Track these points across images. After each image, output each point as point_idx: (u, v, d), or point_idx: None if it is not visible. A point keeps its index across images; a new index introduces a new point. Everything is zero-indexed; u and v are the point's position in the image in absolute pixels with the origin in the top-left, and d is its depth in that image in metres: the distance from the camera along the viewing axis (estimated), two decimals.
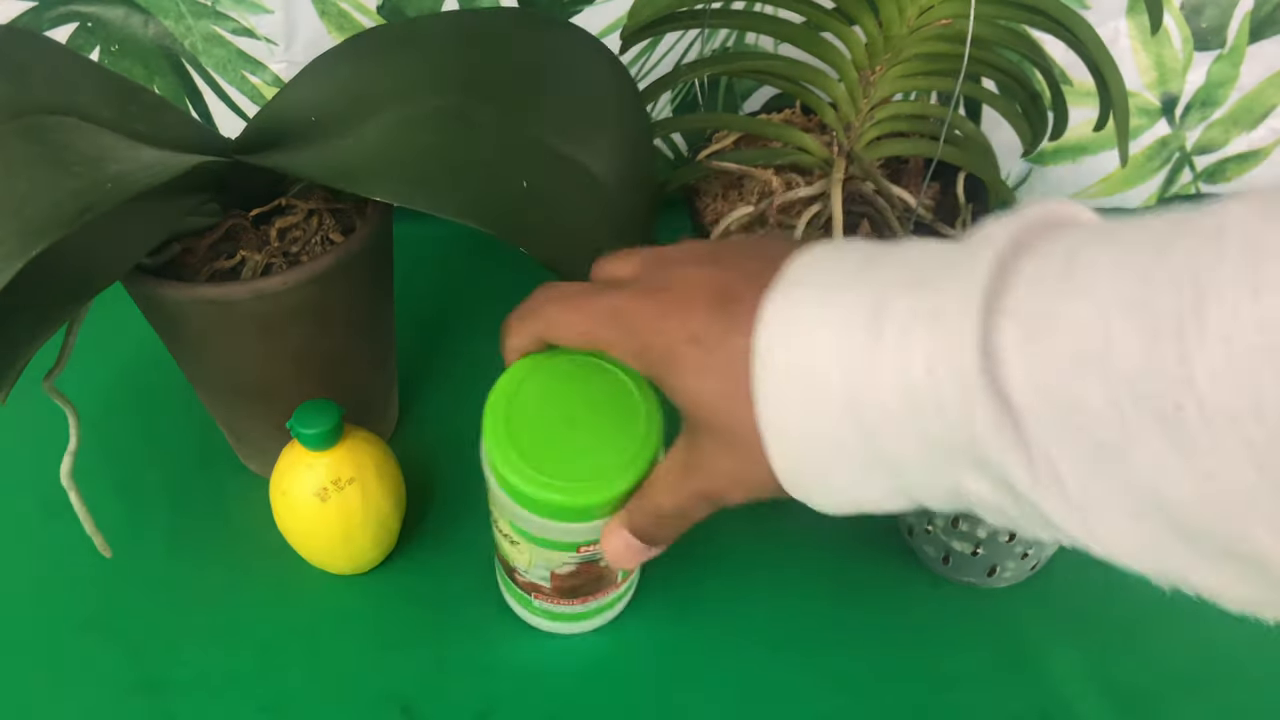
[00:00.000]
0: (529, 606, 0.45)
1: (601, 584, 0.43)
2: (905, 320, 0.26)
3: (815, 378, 0.28)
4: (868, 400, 0.27)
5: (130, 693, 0.45)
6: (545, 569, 0.41)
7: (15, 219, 0.33)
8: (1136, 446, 0.23)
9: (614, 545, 0.37)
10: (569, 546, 0.39)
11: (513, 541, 0.40)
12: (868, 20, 0.48)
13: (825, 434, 0.28)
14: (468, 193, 0.40)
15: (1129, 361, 0.22)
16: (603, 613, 0.46)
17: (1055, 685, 0.45)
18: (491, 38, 0.47)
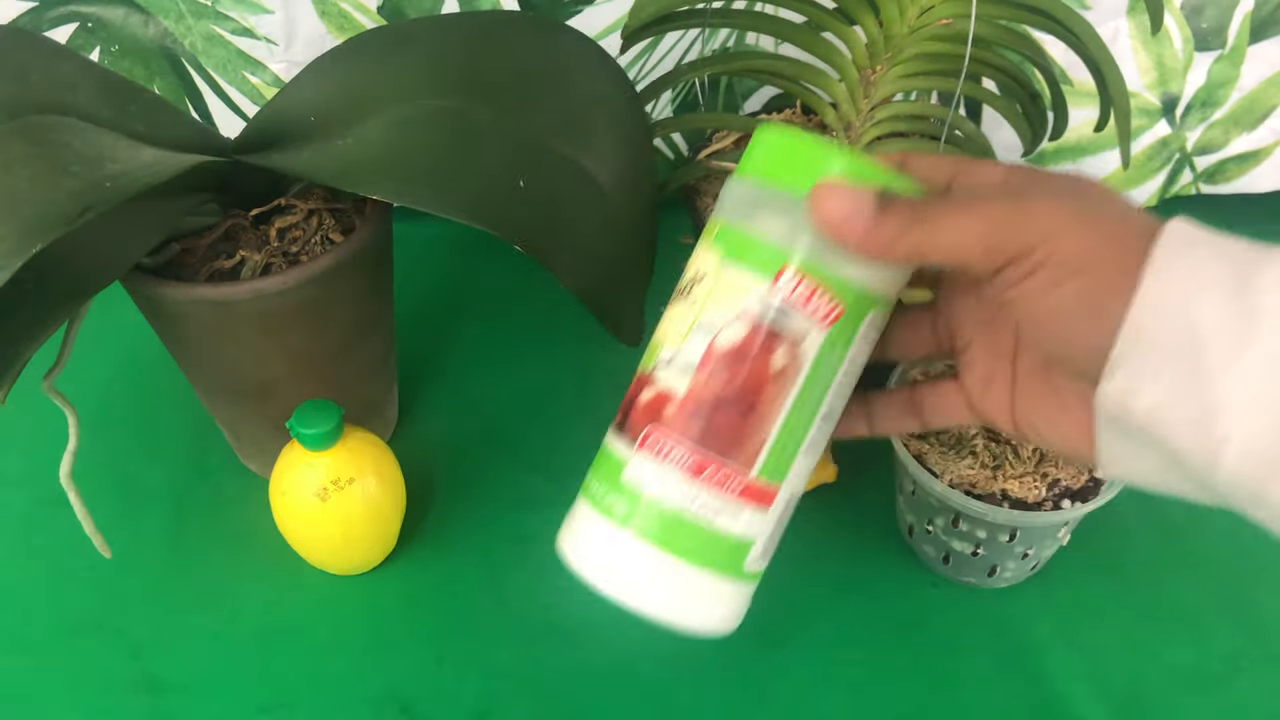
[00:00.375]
0: (611, 489, 0.32)
1: (744, 429, 0.31)
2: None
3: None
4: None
5: (130, 692, 0.45)
6: (706, 335, 0.30)
7: (14, 218, 0.33)
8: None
9: (839, 196, 0.29)
10: (772, 259, 0.30)
11: (692, 286, 0.31)
12: (868, 20, 0.48)
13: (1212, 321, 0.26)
14: (467, 192, 0.40)
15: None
16: (705, 557, 0.31)
17: (1055, 685, 0.45)
18: (490, 39, 0.47)
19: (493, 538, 0.51)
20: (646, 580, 0.31)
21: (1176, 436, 0.27)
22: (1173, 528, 0.51)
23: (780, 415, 0.31)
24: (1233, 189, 0.69)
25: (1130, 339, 0.26)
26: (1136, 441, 0.28)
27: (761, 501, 0.32)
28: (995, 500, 0.44)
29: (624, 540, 0.31)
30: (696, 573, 0.31)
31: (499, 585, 0.49)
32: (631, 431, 0.31)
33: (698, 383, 0.30)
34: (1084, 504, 0.43)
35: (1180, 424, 0.26)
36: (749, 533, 0.32)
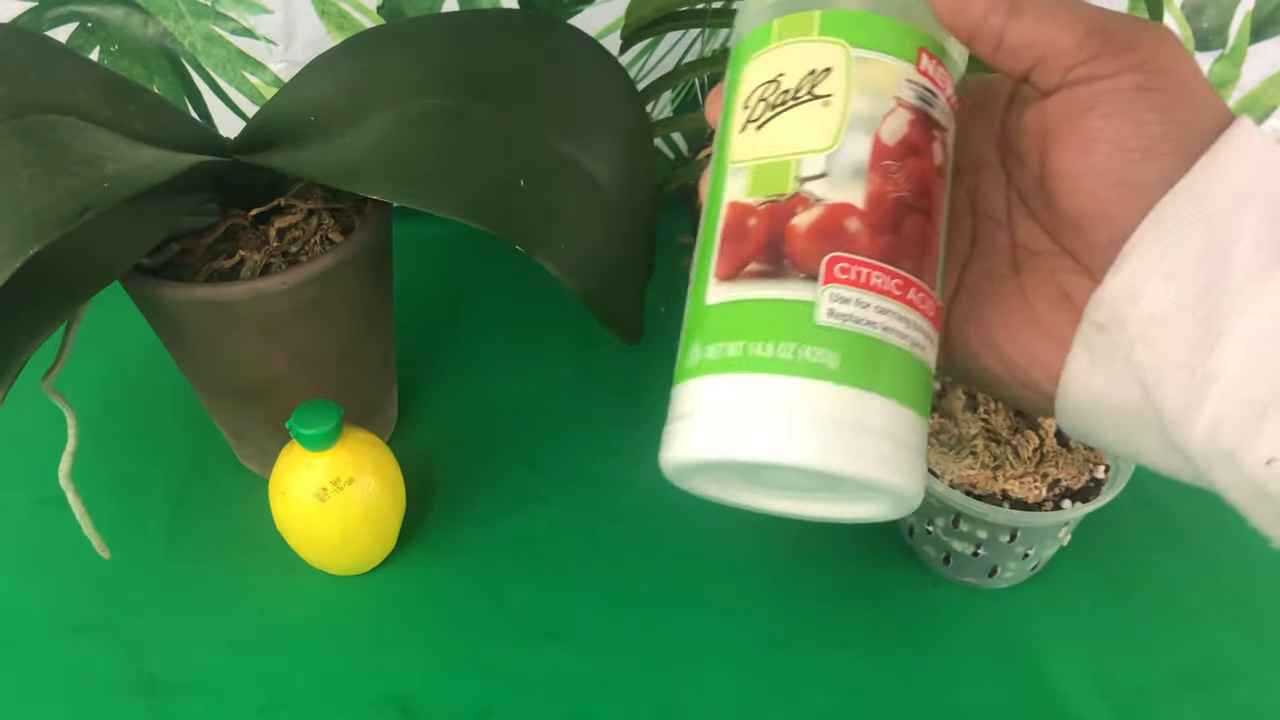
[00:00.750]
0: (806, 335, 0.25)
1: (929, 235, 0.26)
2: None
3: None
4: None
5: (129, 693, 0.45)
6: (867, 131, 0.26)
7: (14, 218, 0.33)
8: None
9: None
10: (908, 40, 0.27)
11: (816, 84, 0.27)
12: None
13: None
14: (466, 192, 0.40)
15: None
16: (924, 400, 0.26)
17: (1055, 685, 0.45)
18: (490, 38, 0.47)
19: (492, 538, 0.51)
20: (888, 445, 0.25)
21: (1162, 364, 0.24)
22: (1173, 528, 0.51)
23: (944, 217, 0.27)
24: None
25: (1162, 220, 0.23)
26: (1114, 369, 0.25)
27: (938, 325, 0.27)
28: (996, 500, 0.44)
29: (853, 400, 0.24)
30: (917, 421, 0.26)
31: (499, 585, 0.49)
32: (804, 265, 0.25)
33: (876, 187, 0.25)
34: (1084, 504, 0.43)
35: (1171, 348, 0.23)
36: (933, 364, 0.27)
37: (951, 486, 0.44)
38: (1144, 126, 0.24)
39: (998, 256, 0.29)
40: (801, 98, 0.27)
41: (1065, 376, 0.26)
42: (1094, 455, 0.45)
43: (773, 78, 0.27)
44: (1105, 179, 0.25)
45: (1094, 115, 0.24)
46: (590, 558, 0.50)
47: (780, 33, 0.28)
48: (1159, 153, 0.24)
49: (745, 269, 0.26)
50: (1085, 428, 0.27)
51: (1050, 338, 0.27)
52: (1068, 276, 0.27)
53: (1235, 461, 0.23)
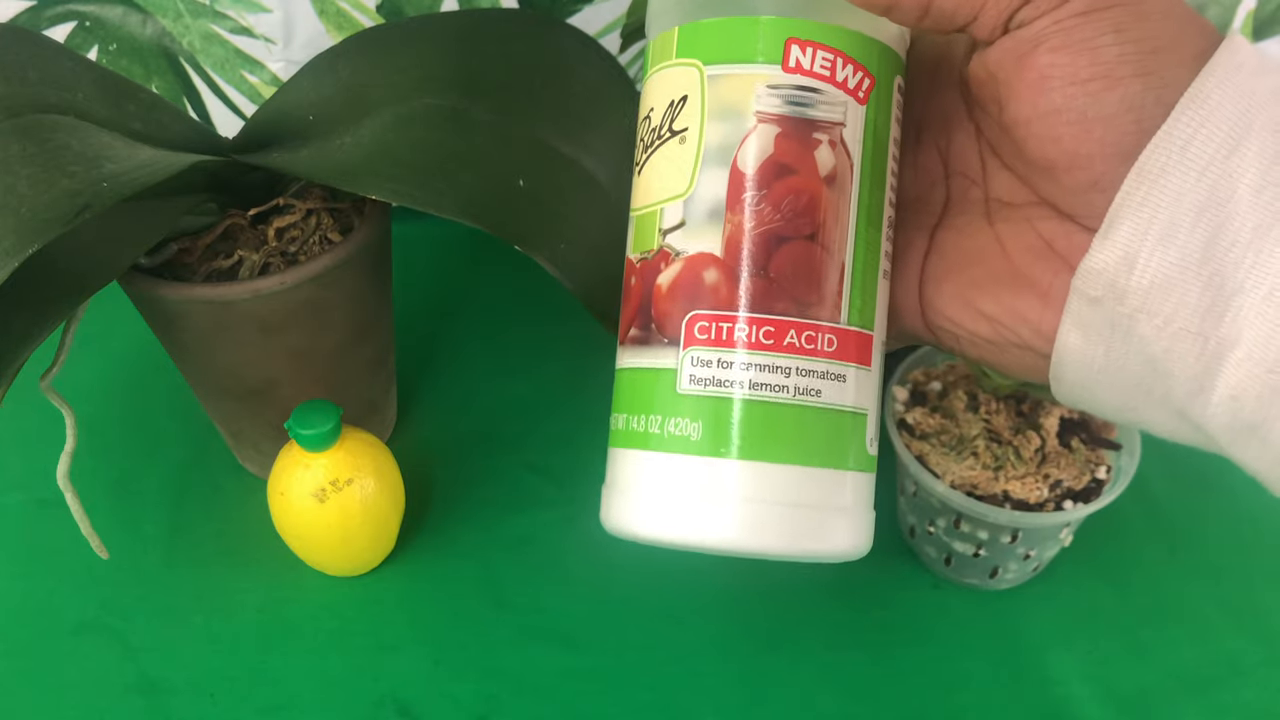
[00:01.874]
0: (670, 407, 0.24)
1: (817, 261, 0.24)
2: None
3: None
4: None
5: (127, 694, 0.44)
6: (724, 163, 0.23)
7: (12, 218, 0.33)
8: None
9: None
10: (771, 36, 0.23)
11: (674, 117, 0.24)
12: None
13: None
14: (466, 192, 0.40)
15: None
16: (817, 455, 0.24)
17: (1057, 687, 0.45)
18: (489, 37, 0.47)
19: (492, 538, 0.50)
20: (768, 510, 0.23)
21: (1168, 334, 0.21)
22: (1176, 529, 0.51)
23: (851, 231, 0.24)
24: None
25: (1146, 174, 0.21)
26: (1117, 340, 0.22)
27: (862, 356, 0.24)
28: (997, 501, 0.44)
29: (718, 471, 0.23)
30: (823, 476, 0.24)
31: (498, 586, 0.49)
32: (666, 329, 0.24)
33: (735, 226, 0.23)
34: (1086, 505, 0.43)
35: (1178, 316, 0.21)
36: (861, 402, 0.25)
37: (953, 487, 0.44)
38: (1097, 52, 0.21)
39: (972, 211, 0.27)
40: (663, 136, 0.24)
41: (1057, 351, 0.24)
42: (1096, 456, 0.45)
43: (645, 114, 0.25)
44: (1066, 118, 0.22)
45: (1041, 52, 0.21)
46: (590, 558, 0.50)
47: (652, 58, 0.26)
48: (1119, 78, 0.21)
49: (629, 334, 0.25)
50: (1084, 400, 0.25)
51: (1035, 291, 0.24)
52: (1048, 224, 0.24)
53: (1259, 434, 0.21)
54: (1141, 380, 0.22)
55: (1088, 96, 0.21)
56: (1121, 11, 0.21)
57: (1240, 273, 0.20)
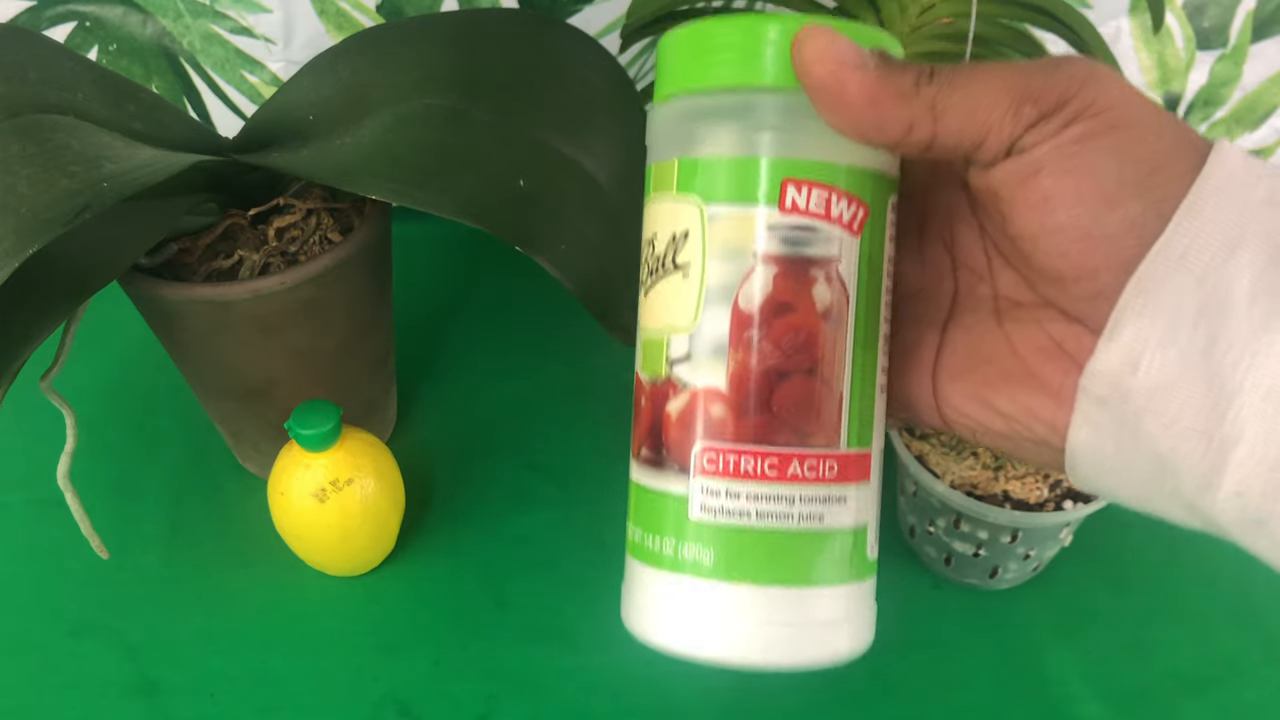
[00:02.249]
0: (682, 534, 0.25)
1: (816, 395, 0.25)
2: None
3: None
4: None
5: (127, 695, 0.44)
6: (725, 301, 0.24)
7: (12, 218, 0.33)
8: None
9: (828, 35, 0.23)
10: (768, 181, 0.24)
11: (677, 251, 0.25)
12: (868, 19, 0.48)
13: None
14: (466, 192, 0.40)
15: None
16: (816, 574, 0.26)
17: (1057, 686, 0.45)
18: (489, 38, 0.47)
19: (492, 538, 0.50)
20: (776, 630, 0.25)
21: (1174, 433, 0.22)
22: (1174, 529, 0.50)
23: (848, 360, 0.25)
24: None
25: (1145, 283, 0.21)
26: (1125, 438, 0.23)
27: (861, 474, 0.26)
28: (997, 501, 0.44)
29: (729, 595, 0.25)
30: (827, 593, 0.26)
31: (498, 586, 0.49)
32: (677, 457, 0.25)
33: (738, 363, 0.24)
34: (1086, 505, 0.43)
35: (1183, 416, 0.22)
36: (861, 517, 0.27)
37: (953, 487, 0.44)
38: (1098, 175, 0.22)
39: (980, 310, 0.27)
40: (667, 267, 0.25)
41: (1070, 445, 0.24)
42: None
43: (649, 238, 0.26)
44: (1072, 235, 0.23)
45: (1044, 176, 0.23)
46: (590, 558, 0.50)
47: (655, 182, 0.26)
48: (1120, 199, 0.22)
49: (641, 452, 0.26)
50: (1101, 490, 0.25)
51: (1047, 391, 0.25)
52: (1056, 325, 0.25)
53: (1266, 528, 0.21)
54: (1152, 475, 0.23)
55: (1092, 216, 0.22)
56: (1119, 135, 0.22)
57: (1239, 374, 0.21)
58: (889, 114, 0.23)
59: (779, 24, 0.24)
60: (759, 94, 0.24)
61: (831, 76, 0.23)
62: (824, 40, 0.23)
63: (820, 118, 0.24)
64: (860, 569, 0.27)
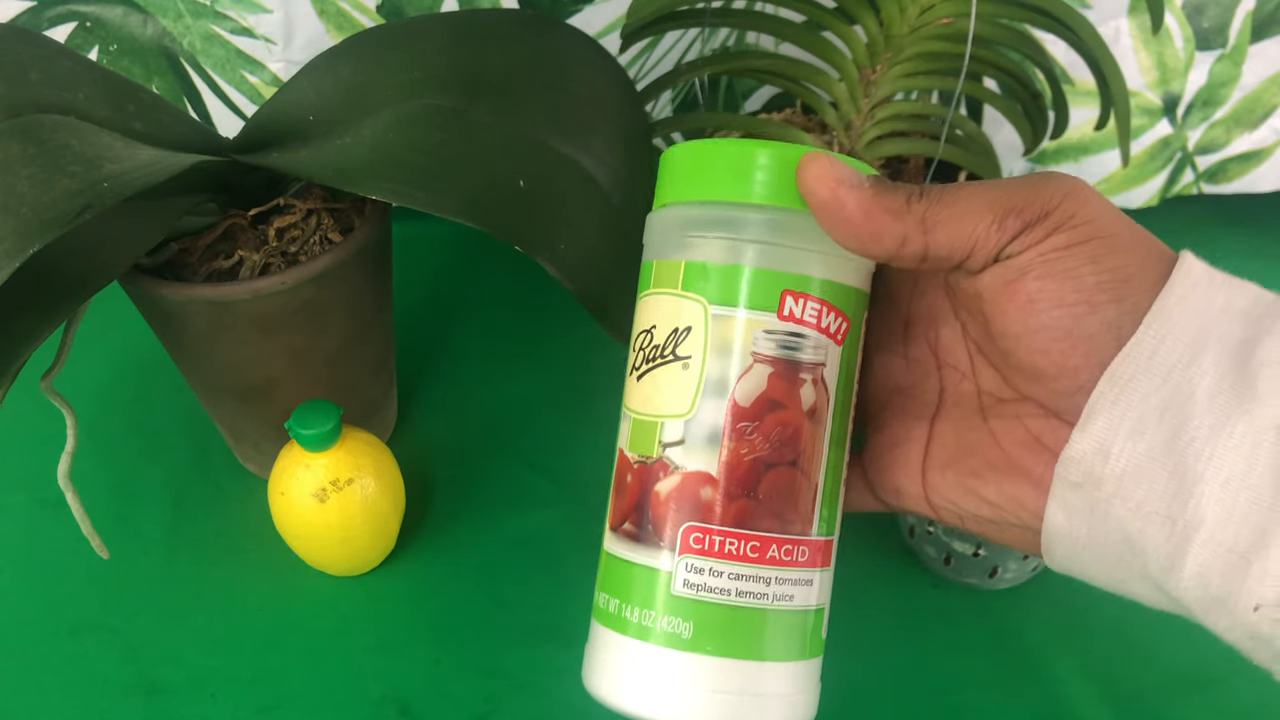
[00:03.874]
0: (658, 609, 0.27)
1: (798, 485, 0.27)
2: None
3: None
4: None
5: (127, 695, 0.44)
6: (722, 395, 0.26)
7: (12, 218, 0.33)
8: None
9: (829, 160, 0.25)
10: (770, 286, 0.26)
11: (678, 344, 0.27)
12: (869, 19, 0.48)
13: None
14: (466, 192, 0.40)
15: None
16: (780, 651, 0.28)
17: (1056, 686, 0.45)
18: (489, 38, 0.47)
19: (492, 538, 0.51)
20: (749, 701, 0.27)
21: (1141, 515, 0.24)
22: None
23: (824, 456, 0.27)
24: (1234, 189, 0.69)
25: (1117, 380, 0.24)
26: (1096, 521, 0.25)
27: (826, 560, 0.28)
28: None
29: (702, 667, 0.26)
30: (787, 668, 0.28)
31: (498, 586, 0.49)
32: (662, 534, 0.26)
33: (731, 453, 0.26)
34: None
35: (1149, 501, 0.24)
36: (822, 599, 0.28)
37: None
38: (1079, 280, 0.24)
39: (966, 405, 0.29)
40: (667, 357, 0.27)
41: (1046, 529, 0.26)
42: None
43: (648, 328, 0.28)
44: (1053, 335, 0.25)
45: (1029, 279, 0.25)
46: (590, 558, 0.49)
47: (656, 278, 0.28)
48: (1098, 303, 0.24)
49: (623, 525, 0.28)
50: (1076, 572, 0.27)
51: (1029, 481, 0.27)
52: (1035, 420, 0.27)
53: (1226, 606, 0.23)
54: (1122, 556, 0.25)
55: (1073, 318, 0.24)
56: (1097, 244, 0.24)
57: (1200, 464, 0.23)
58: (884, 228, 0.25)
59: (782, 150, 0.26)
60: (765, 211, 0.26)
61: (832, 194, 0.25)
62: (824, 163, 0.25)
63: (818, 238, 0.26)
64: (815, 647, 0.29)
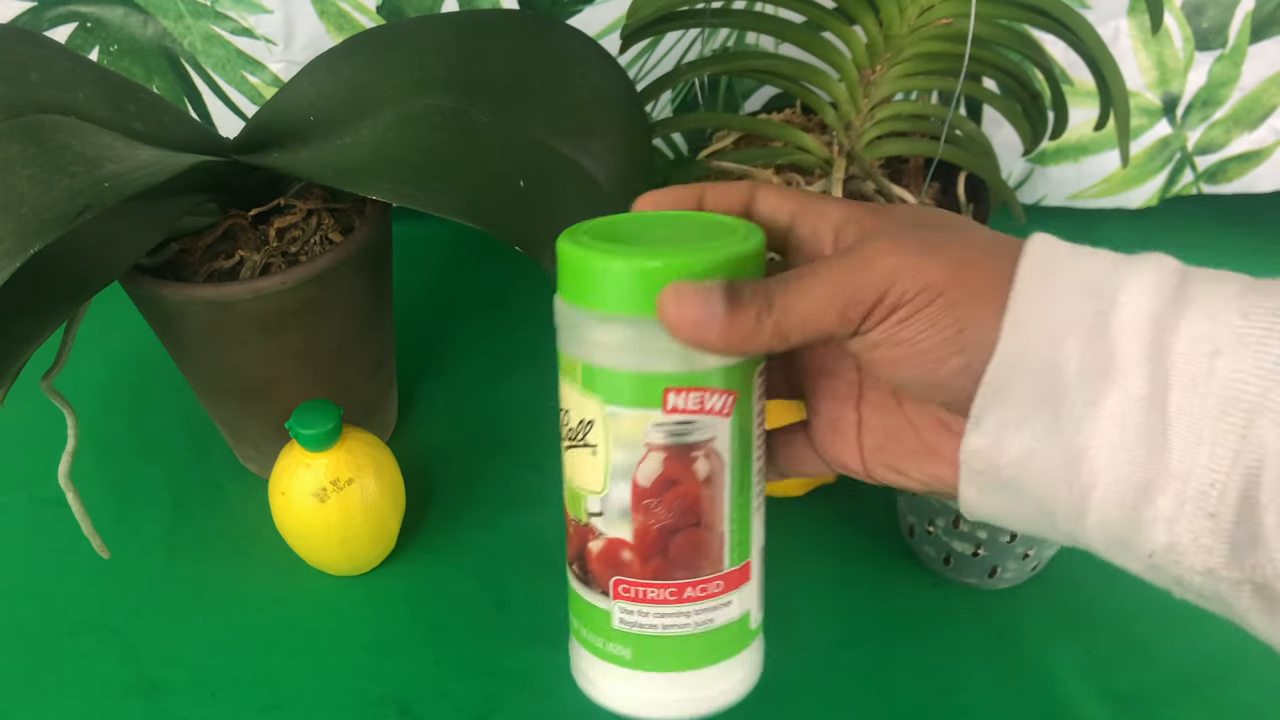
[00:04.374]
0: (607, 637, 0.33)
1: (702, 543, 0.31)
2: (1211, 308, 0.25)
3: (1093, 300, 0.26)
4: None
5: (128, 694, 0.45)
6: (625, 477, 0.30)
7: (13, 218, 0.33)
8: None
9: (683, 296, 0.28)
10: (652, 388, 0.29)
11: (585, 433, 0.31)
12: (868, 20, 0.48)
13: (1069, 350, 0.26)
14: (467, 193, 0.40)
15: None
16: (713, 657, 0.33)
17: (1056, 686, 0.45)
18: (489, 38, 0.47)
19: (492, 538, 0.51)
20: (677, 696, 0.33)
21: (1043, 485, 0.27)
22: None
23: (726, 509, 0.31)
24: (1233, 189, 0.69)
25: (992, 389, 0.26)
26: (1006, 493, 0.28)
27: (743, 579, 0.33)
28: None
29: (643, 678, 0.33)
30: (717, 668, 0.33)
31: (498, 585, 0.49)
32: (599, 583, 0.32)
33: (640, 524, 0.31)
34: None
35: (1046, 473, 0.26)
36: (744, 608, 0.33)
37: None
38: (920, 344, 0.27)
39: (881, 389, 0.32)
40: (579, 441, 0.31)
41: (962, 501, 0.30)
42: None
43: (564, 409, 0.31)
44: (918, 386, 0.28)
45: (882, 349, 0.28)
46: None
47: (565, 368, 0.31)
48: (942, 357, 0.27)
49: (572, 567, 0.33)
50: (997, 523, 0.30)
51: (945, 462, 0.30)
52: (940, 410, 0.30)
53: (1127, 549, 0.26)
54: (1034, 516, 0.28)
55: (926, 371, 0.28)
56: (932, 309, 0.27)
57: (1082, 437, 0.26)
58: (745, 345, 0.28)
59: (655, 265, 0.28)
60: (641, 323, 0.28)
61: (692, 333, 0.28)
62: (674, 308, 0.28)
63: None
64: (746, 639, 0.34)
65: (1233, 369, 0.24)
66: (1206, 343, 0.25)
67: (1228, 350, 0.24)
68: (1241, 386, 0.24)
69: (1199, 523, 0.25)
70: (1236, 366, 0.24)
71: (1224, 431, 0.24)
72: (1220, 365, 0.24)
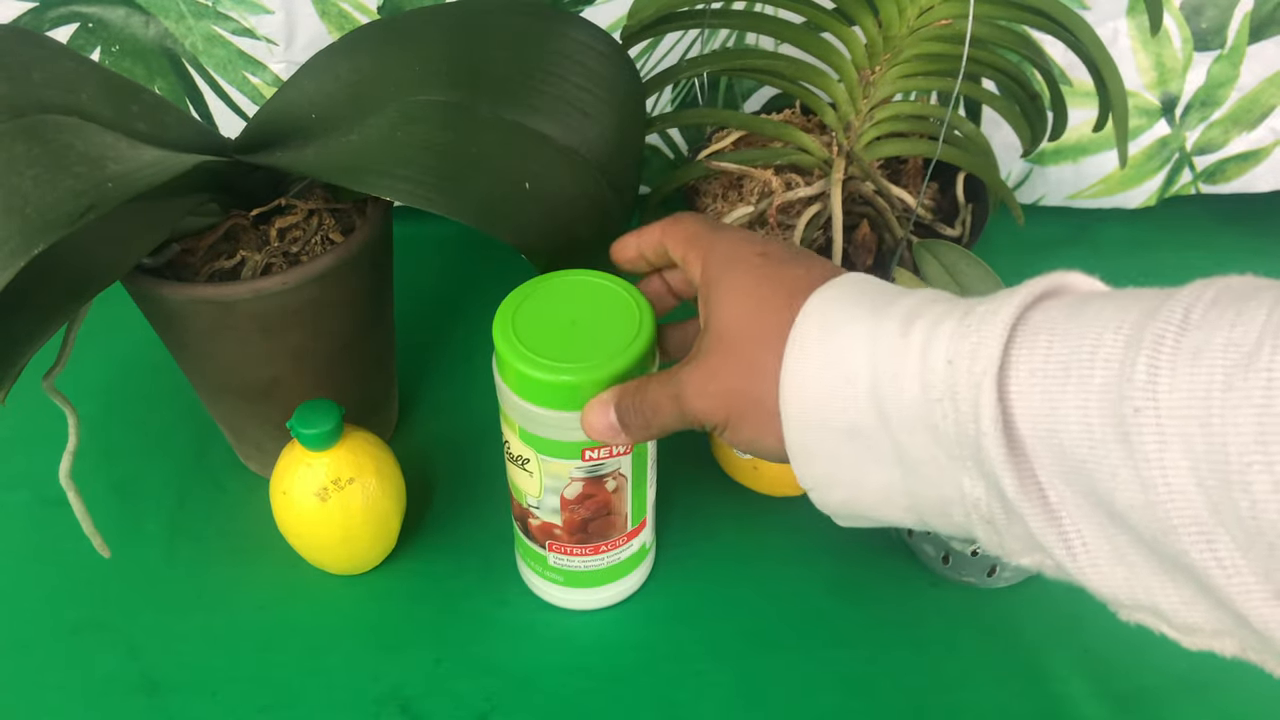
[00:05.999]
0: (544, 569, 0.46)
1: (611, 523, 0.44)
2: (935, 320, 0.29)
3: (844, 364, 0.31)
4: (888, 388, 0.30)
5: (129, 693, 0.45)
6: (555, 492, 0.42)
7: (17, 218, 0.33)
8: (1098, 455, 0.26)
9: (593, 412, 0.38)
10: (573, 449, 0.40)
11: (524, 464, 0.42)
12: (867, 20, 0.48)
13: (845, 416, 0.31)
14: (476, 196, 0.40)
15: (1107, 370, 0.25)
16: (618, 578, 0.47)
17: (1054, 684, 0.45)
18: (491, 28, 0.47)
19: (492, 537, 0.51)
20: (597, 596, 0.48)
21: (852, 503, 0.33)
22: None
23: (627, 500, 0.43)
24: (1232, 189, 0.69)
25: (796, 460, 0.33)
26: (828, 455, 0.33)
27: (640, 528, 0.46)
28: None
29: (574, 592, 0.47)
30: (630, 578, 0.48)
31: (499, 585, 0.49)
32: (538, 542, 0.45)
33: (566, 517, 0.43)
34: None
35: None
36: (643, 543, 0.47)
37: None
38: (741, 442, 0.35)
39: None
40: (519, 465, 0.42)
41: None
42: None
43: (506, 440, 0.42)
44: (753, 452, 0.36)
45: (724, 439, 0.36)
46: None
47: (504, 417, 0.41)
48: (760, 447, 0.35)
49: (518, 523, 0.46)
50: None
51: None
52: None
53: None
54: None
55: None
56: (730, 432, 0.35)
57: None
58: (637, 442, 0.40)
59: (578, 381, 0.37)
60: (568, 414, 0.38)
61: (602, 438, 0.38)
62: (589, 423, 0.38)
63: None
64: (643, 559, 0.48)
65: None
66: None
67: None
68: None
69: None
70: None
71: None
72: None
